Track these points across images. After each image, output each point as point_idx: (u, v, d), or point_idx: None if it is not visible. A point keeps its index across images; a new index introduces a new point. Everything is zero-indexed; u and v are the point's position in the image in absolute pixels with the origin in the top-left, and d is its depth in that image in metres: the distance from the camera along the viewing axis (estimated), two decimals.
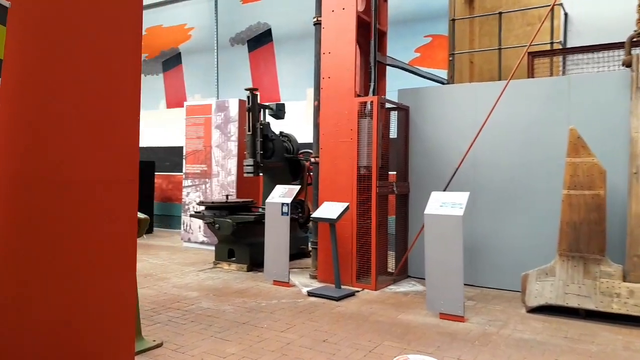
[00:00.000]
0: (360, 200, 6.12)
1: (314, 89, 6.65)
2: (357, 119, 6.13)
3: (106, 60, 2.68)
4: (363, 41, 6.64)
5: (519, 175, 6.04)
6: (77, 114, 2.56)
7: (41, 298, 2.42)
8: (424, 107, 6.74)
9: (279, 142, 7.64)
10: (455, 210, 4.86)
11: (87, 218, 2.59)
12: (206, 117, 8.96)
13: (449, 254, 4.86)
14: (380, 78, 6.79)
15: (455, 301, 4.81)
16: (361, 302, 5.41)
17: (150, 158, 11.66)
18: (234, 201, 7.25)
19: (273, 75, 10.48)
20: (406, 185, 6.78)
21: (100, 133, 2.65)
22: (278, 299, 5.50)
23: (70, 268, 2.53)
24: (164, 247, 9.20)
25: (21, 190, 2.33)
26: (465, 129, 6.26)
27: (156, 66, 12.50)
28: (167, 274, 6.71)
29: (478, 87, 6.55)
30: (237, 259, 7.03)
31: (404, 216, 6.80)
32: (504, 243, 6.11)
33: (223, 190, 8.60)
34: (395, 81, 7.37)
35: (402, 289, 6.10)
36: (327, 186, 6.31)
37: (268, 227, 6.20)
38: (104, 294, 2.71)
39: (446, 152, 6.46)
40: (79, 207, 2.54)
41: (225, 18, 11.21)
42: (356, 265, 6.10)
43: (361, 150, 6.13)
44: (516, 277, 5.52)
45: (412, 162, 6.81)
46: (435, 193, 5.23)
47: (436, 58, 8.87)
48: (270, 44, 10.52)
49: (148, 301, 5.31)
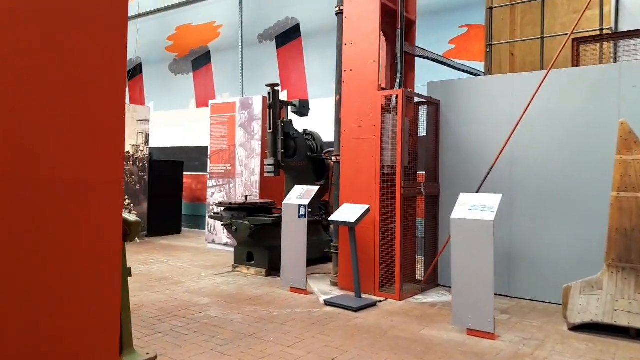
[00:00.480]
0: (384, 202, 5.66)
1: (335, 83, 6.23)
2: (381, 114, 5.68)
3: (88, 53, 2.43)
4: (389, 31, 6.18)
5: (562, 175, 5.43)
6: (55, 109, 2.31)
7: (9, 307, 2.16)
8: (456, 101, 6.20)
9: (301, 141, 7.27)
10: (486, 214, 4.33)
11: (65, 220, 2.33)
12: (230, 116, 8.70)
13: (478, 263, 4.34)
14: (408, 70, 6.31)
15: (484, 316, 4.29)
16: (382, 314, 4.96)
17: (180, 158, 11.58)
18: (253, 202, 6.93)
19: (301, 71, 10.13)
20: (436, 186, 6.26)
21: (80, 130, 2.40)
22: (292, 308, 5.12)
23: (45, 273, 2.27)
24: (188, 248, 9.01)
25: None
26: (501, 124, 5.69)
27: (186, 65, 12.41)
28: (183, 278, 6.46)
29: (516, 78, 5.95)
30: (256, 262, 6.71)
31: (433, 219, 6.29)
32: (544, 250, 5.50)
33: (247, 191, 8.31)
34: (426, 75, 6.86)
35: (429, 299, 5.60)
36: (348, 187, 5.88)
37: (285, 230, 5.84)
38: (82, 302, 2.45)
39: (480, 149, 5.91)
40: (56, 208, 2.29)
41: (253, 14, 10.96)
42: (379, 273, 5.65)
43: (385, 148, 5.67)
44: (557, 288, 4.94)
45: (443, 160, 6.28)
46: (464, 195, 4.71)
47: (472, 50, 8.28)
48: (299, 39, 10.18)
49: (155, 307, 5.04)
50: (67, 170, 2.29)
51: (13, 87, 2.12)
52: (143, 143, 9.98)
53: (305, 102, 7.41)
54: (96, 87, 2.51)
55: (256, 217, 6.56)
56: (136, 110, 9.92)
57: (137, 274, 6.64)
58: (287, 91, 10.27)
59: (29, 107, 2.17)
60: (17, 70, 2.12)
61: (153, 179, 10.20)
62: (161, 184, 10.48)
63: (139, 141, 9.91)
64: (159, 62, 13.04)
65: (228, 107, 8.78)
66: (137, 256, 8.07)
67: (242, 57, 11.01)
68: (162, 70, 12.98)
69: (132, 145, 9.77)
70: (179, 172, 11.13)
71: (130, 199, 9.73)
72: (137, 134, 9.85)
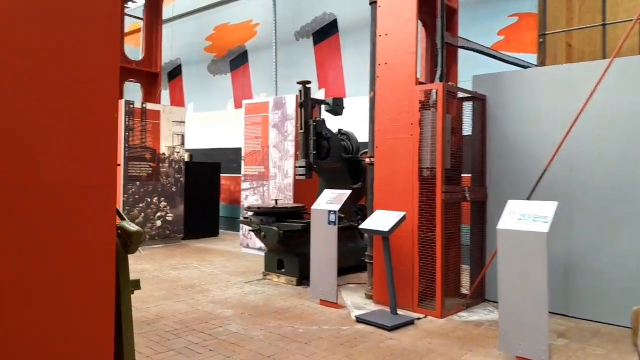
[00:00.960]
0: (423, 208, 5.13)
1: (369, 78, 5.74)
2: (419, 111, 5.16)
3: (78, 52, 2.28)
4: (428, 20, 5.65)
5: (630, 177, 4.72)
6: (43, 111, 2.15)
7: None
8: (505, 95, 5.58)
9: (335, 141, 6.83)
10: (538, 225, 3.74)
11: (51, 227, 2.15)
12: (263, 116, 8.37)
13: (530, 280, 3.76)
14: (450, 63, 5.76)
15: (537, 342, 3.70)
16: (419, 334, 4.44)
17: (219, 159, 11.40)
18: (282, 207, 6.54)
19: (338, 69, 9.68)
20: (483, 191, 5.66)
21: (70, 132, 2.21)
22: (320, 324, 4.68)
23: (28, 284, 2.07)
24: (222, 252, 8.76)
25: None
26: (557, 121, 5.04)
27: (224, 65, 12.23)
28: (211, 285, 6.16)
29: (574, 68, 5.27)
30: (286, 270, 6.32)
31: (480, 227, 5.69)
32: (609, 263, 4.81)
33: (280, 194, 7.95)
34: (472, 69, 6.26)
35: (474, 316, 5.03)
36: (382, 191, 5.39)
37: (314, 238, 5.41)
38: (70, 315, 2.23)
39: (533, 149, 5.28)
40: (43, 214, 2.10)
41: (290, 11, 10.61)
42: (418, 286, 5.13)
43: (424, 149, 5.14)
44: (624, 308, 4.24)
45: (491, 162, 5.67)
46: (512, 202, 4.13)
47: (523, 40, 7.58)
48: (336, 35, 9.74)
49: (174, 320, 4.74)
50: (55, 173, 2.11)
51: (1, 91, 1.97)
52: (179, 144, 9.83)
53: (339, 100, 6.96)
54: (87, 88, 2.34)
55: (285, 223, 6.17)
56: (171, 111, 9.77)
57: (165, 280, 6.42)
58: (324, 89, 9.85)
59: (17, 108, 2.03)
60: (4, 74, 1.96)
61: (189, 180, 10.05)
62: (198, 186, 10.32)
63: (175, 142, 9.76)
64: (198, 63, 12.94)
65: (261, 106, 8.46)
66: (169, 260, 7.88)
67: (275, 55, 10.67)
68: (201, 70, 12.88)
69: (168, 147, 9.63)
70: (216, 174, 10.95)
71: (166, 201, 9.60)
72: (172, 135, 9.71)
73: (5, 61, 1.93)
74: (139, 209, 9.16)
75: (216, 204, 10.92)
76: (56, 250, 2.07)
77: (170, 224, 9.68)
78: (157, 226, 9.47)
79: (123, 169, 8.93)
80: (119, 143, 8.97)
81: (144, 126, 9.27)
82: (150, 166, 9.36)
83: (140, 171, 9.21)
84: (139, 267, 7.30)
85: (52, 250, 2.06)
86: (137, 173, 9.14)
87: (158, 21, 10.49)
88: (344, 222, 6.34)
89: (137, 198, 9.13)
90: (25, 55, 2.01)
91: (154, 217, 9.42)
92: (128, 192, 8.99)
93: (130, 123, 9.05)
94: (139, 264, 7.54)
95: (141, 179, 9.21)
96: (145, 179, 9.28)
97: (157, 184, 9.46)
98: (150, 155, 9.37)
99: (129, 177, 9.00)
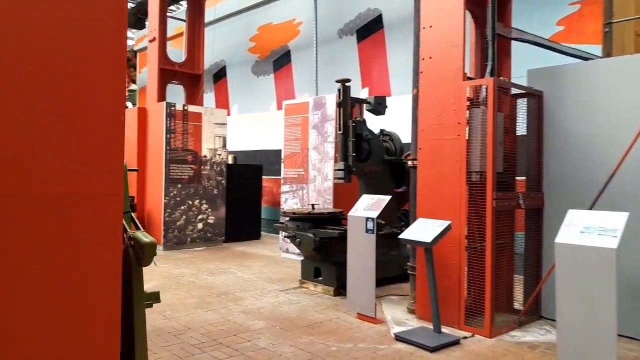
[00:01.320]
0: (471, 217, 4.66)
1: (413, 75, 5.32)
2: (467, 109, 4.70)
3: (84, 57, 2.16)
4: (477, 10, 5.17)
5: None
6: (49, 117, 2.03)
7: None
8: (565, 91, 5.02)
9: (376, 142, 6.43)
10: (605, 239, 3.22)
11: (56, 237, 2.06)
12: (303, 117, 8.08)
13: (595, 302, 3.25)
14: (502, 56, 5.25)
15: None
16: (464, 357, 3.99)
17: (261, 161, 11.25)
18: (319, 212, 6.21)
19: (383, 66, 9.26)
20: (539, 197, 5.12)
21: (75, 140, 2.10)
22: (355, 341, 4.32)
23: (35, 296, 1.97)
24: (261, 256, 8.55)
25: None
26: (625, 119, 4.46)
27: (267, 66, 12.07)
28: (245, 293, 5.92)
29: None
30: (324, 279, 5.99)
31: (536, 236, 5.15)
32: None
33: (320, 198, 7.64)
34: (528, 64, 5.70)
35: (528, 337, 4.51)
36: (425, 197, 4.97)
37: (351, 247, 5.05)
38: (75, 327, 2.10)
39: (597, 151, 4.70)
40: (47, 224, 2.01)
41: (333, 8, 10.28)
42: (465, 302, 4.67)
43: (473, 151, 4.67)
44: None
45: (548, 165, 5.12)
46: (573, 212, 3.61)
47: (586, 31, 6.90)
48: (381, 31, 9.32)
49: (202, 331, 4.51)
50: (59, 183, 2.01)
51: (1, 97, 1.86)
52: (221, 147, 9.73)
53: (381, 98, 6.56)
54: (93, 94, 2.18)
55: (322, 229, 5.84)
56: (213, 113, 9.68)
57: (199, 286, 6.25)
58: (367, 88, 9.46)
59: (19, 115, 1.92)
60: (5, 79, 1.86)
61: (231, 183, 9.93)
62: (240, 188, 10.18)
63: (216, 145, 9.66)
64: (242, 64, 12.85)
65: (301, 107, 8.18)
66: (207, 265, 7.73)
67: (316, 54, 10.36)
68: (245, 72, 12.78)
69: (209, 149, 9.54)
70: (258, 176, 10.78)
71: (207, 204, 9.51)
72: (214, 138, 9.61)
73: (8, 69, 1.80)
74: (180, 212, 9.11)
75: (258, 207, 10.74)
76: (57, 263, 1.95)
77: (212, 227, 9.58)
78: (198, 229, 9.39)
79: (164, 171, 8.90)
80: (162, 145, 8.95)
81: (186, 128, 9.22)
82: (191, 169, 9.29)
83: (181, 174, 9.16)
84: (177, 271, 7.19)
85: (53, 262, 1.94)
86: (178, 176, 9.09)
87: (200, 23, 10.44)
88: (385, 229, 5.93)
89: (178, 201, 9.08)
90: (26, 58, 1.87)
91: (196, 220, 9.35)
92: (169, 194, 8.95)
93: (172, 125, 9.01)
94: (177, 268, 7.44)
95: (182, 181, 9.15)
96: (187, 182, 9.22)
97: (199, 187, 9.38)
98: (191, 158, 9.30)
99: (170, 180, 8.96)
